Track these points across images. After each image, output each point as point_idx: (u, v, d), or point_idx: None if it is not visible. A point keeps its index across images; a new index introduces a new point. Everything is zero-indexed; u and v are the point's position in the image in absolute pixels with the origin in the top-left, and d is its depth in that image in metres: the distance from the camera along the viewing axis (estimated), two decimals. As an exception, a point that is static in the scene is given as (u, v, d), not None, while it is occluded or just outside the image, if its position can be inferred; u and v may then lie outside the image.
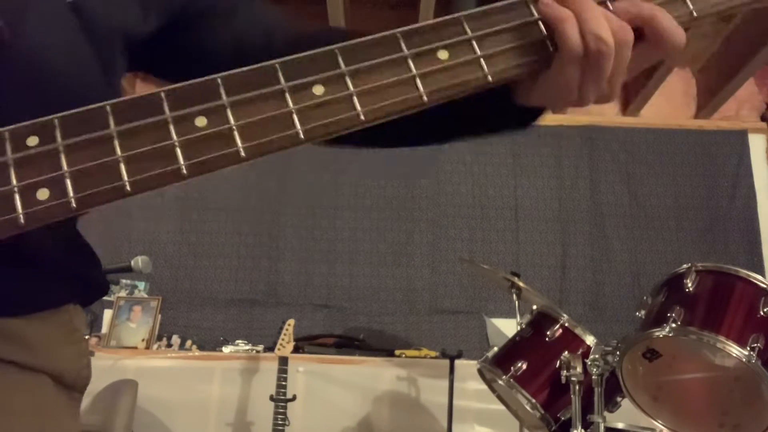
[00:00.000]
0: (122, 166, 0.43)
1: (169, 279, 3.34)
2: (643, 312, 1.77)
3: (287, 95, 0.46)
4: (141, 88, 0.66)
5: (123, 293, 3.32)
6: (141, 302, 3.27)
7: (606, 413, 1.80)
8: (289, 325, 2.74)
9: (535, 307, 2.16)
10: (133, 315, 3.22)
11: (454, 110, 0.51)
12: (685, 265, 1.69)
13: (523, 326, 2.16)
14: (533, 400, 1.93)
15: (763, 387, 1.49)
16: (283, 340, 2.68)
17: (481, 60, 0.48)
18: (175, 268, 3.35)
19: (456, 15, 0.49)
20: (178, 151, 0.44)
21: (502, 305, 3.25)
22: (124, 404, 2.51)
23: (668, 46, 0.49)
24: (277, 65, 0.47)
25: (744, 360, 1.48)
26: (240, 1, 0.70)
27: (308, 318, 3.30)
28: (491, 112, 0.55)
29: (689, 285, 1.63)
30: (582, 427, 1.80)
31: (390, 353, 3.08)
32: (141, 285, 3.35)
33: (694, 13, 0.51)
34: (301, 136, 0.46)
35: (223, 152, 0.45)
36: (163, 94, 0.45)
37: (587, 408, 1.82)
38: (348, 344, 3.14)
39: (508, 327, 2.88)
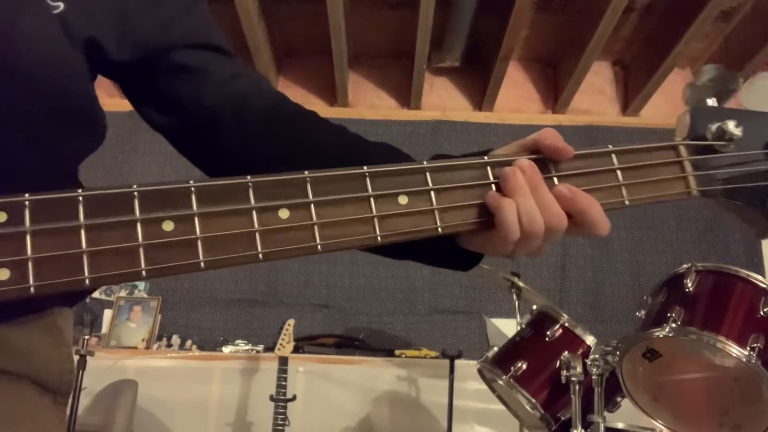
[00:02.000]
0: (85, 260, 0.44)
1: (169, 279, 3.34)
2: (643, 312, 1.77)
3: (254, 214, 0.48)
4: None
5: (123, 293, 3.32)
6: (141, 302, 3.27)
7: (606, 413, 1.80)
8: (289, 325, 2.74)
9: (535, 307, 2.16)
10: (133, 315, 3.23)
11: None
12: (685, 265, 1.69)
13: (523, 326, 2.16)
14: (533, 400, 1.93)
15: (763, 387, 1.49)
16: (283, 340, 2.68)
17: (436, 212, 0.52)
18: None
19: (421, 164, 0.53)
20: (142, 252, 0.45)
21: (502, 305, 3.25)
22: (124, 404, 2.51)
23: (593, 234, 0.56)
24: (249, 183, 0.48)
25: (744, 360, 1.48)
26: (217, 64, 0.70)
27: (308, 318, 3.30)
28: (435, 248, 0.59)
29: (689, 285, 1.63)
30: (582, 427, 1.80)
31: (390, 353, 3.08)
32: (141, 285, 3.35)
33: (626, 202, 0.57)
34: (260, 257, 0.48)
35: (184, 261, 0.46)
36: (136, 193, 0.46)
37: (587, 408, 1.82)
38: (348, 344, 3.14)
39: (508, 327, 2.88)
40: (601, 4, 2.91)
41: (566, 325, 2.02)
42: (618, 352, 1.71)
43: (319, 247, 0.49)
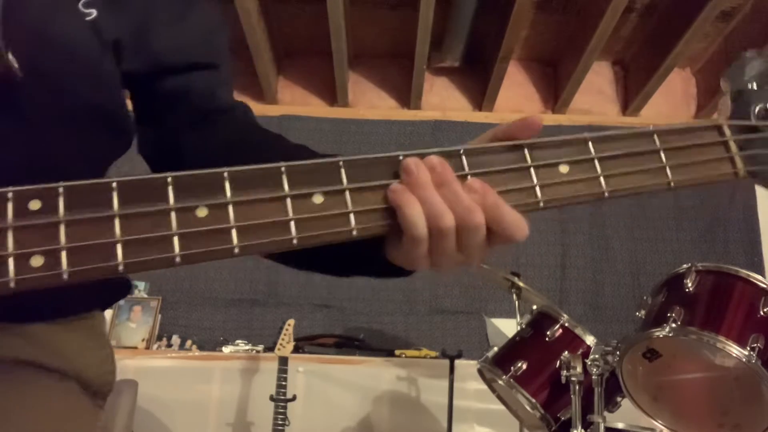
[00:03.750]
0: (119, 248, 0.44)
1: (169, 279, 3.35)
2: (643, 312, 1.77)
3: (288, 202, 0.48)
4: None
5: (123, 293, 3.31)
6: (141, 302, 3.27)
7: (606, 413, 1.80)
8: (289, 325, 2.74)
9: (535, 307, 2.16)
10: (133, 315, 3.22)
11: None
12: (685, 265, 1.69)
13: (523, 326, 2.16)
14: (533, 400, 1.93)
15: (763, 387, 1.49)
16: (283, 340, 2.68)
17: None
18: (175, 268, 3.34)
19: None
20: (176, 240, 0.46)
21: (502, 305, 3.25)
22: (124, 404, 2.51)
23: (509, 236, 0.51)
24: (282, 169, 0.48)
25: (744, 360, 1.48)
26: (215, 91, 0.70)
27: (308, 318, 3.30)
28: (368, 261, 0.57)
29: (689, 285, 1.63)
30: (582, 427, 1.80)
31: (390, 353, 3.08)
32: (141, 285, 3.35)
33: (672, 184, 0.55)
34: (295, 242, 0.48)
35: (218, 248, 0.46)
36: (169, 179, 0.46)
37: (587, 408, 1.82)
38: (348, 344, 3.14)
39: (508, 327, 2.88)
40: (601, 4, 2.91)
41: (566, 325, 2.02)
42: (618, 352, 1.71)
43: (354, 232, 0.49)
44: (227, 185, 0.47)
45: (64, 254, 0.43)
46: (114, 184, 0.45)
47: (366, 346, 3.13)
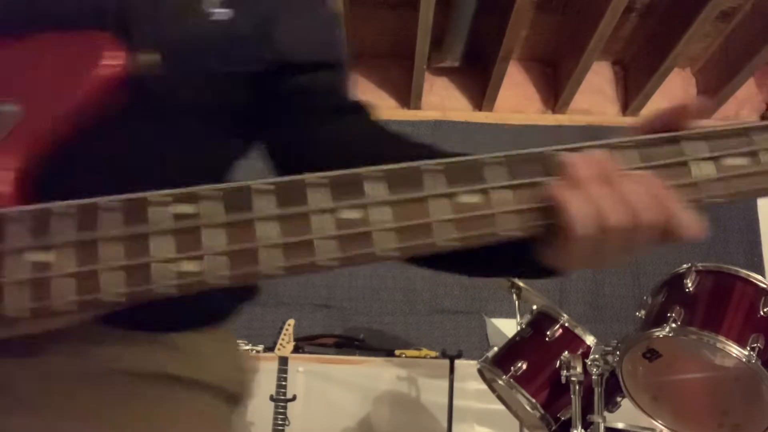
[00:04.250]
0: (278, 251, 0.43)
1: (169, 279, 3.34)
2: (643, 312, 1.77)
3: (446, 201, 0.45)
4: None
5: (123, 293, 3.31)
6: (141, 302, 3.26)
7: (606, 413, 1.80)
8: (289, 325, 2.74)
9: (535, 307, 2.16)
10: (133, 315, 3.22)
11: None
12: (685, 265, 1.69)
13: (523, 326, 2.16)
14: (533, 400, 1.93)
15: (763, 387, 1.50)
16: (283, 340, 2.68)
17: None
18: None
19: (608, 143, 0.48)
20: (333, 243, 0.44)
21: (502, 305, 3.25)
22: (124, 404, 2.51)
23: (683, 234, 0.48)
24: (437, 167, 0.46)
25: (744, 360, 1.48)
26: (334, 89, 0.69)
27: (308, 318, 3.30)
28: (516, 261, 0.55)
29: (689, 285, 1.63)
30: (582, 427, 1.80)
31: (390, 353, 3.08)
32: (141, 285, 3.34)
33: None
34: (457, 243, 0.45)
35: (374, 251, 0.44)
36: (322, 179, 0.44)
37: (587, 408, 1.82)
38: (348, 344, 3.13)
39: (508, 327, 2.88)
40: (601, 4, 2.91)
41: (566, 325, 2.02)
42: (618, 352, 1.71)
43: (517, 232, 0.46)
44: (381, 185, 0.45)
45: (224, 258, 0.42)
46: (270, 186, 0.44)
47: (366, 346, 3.13)
